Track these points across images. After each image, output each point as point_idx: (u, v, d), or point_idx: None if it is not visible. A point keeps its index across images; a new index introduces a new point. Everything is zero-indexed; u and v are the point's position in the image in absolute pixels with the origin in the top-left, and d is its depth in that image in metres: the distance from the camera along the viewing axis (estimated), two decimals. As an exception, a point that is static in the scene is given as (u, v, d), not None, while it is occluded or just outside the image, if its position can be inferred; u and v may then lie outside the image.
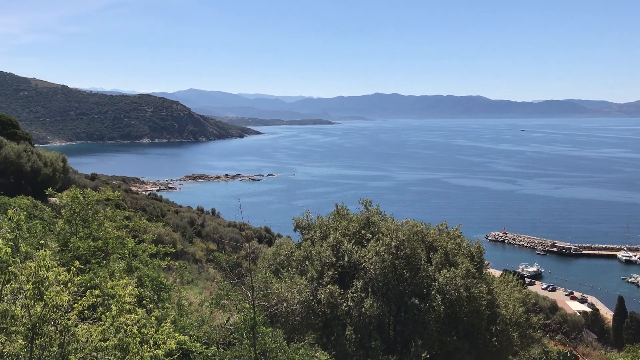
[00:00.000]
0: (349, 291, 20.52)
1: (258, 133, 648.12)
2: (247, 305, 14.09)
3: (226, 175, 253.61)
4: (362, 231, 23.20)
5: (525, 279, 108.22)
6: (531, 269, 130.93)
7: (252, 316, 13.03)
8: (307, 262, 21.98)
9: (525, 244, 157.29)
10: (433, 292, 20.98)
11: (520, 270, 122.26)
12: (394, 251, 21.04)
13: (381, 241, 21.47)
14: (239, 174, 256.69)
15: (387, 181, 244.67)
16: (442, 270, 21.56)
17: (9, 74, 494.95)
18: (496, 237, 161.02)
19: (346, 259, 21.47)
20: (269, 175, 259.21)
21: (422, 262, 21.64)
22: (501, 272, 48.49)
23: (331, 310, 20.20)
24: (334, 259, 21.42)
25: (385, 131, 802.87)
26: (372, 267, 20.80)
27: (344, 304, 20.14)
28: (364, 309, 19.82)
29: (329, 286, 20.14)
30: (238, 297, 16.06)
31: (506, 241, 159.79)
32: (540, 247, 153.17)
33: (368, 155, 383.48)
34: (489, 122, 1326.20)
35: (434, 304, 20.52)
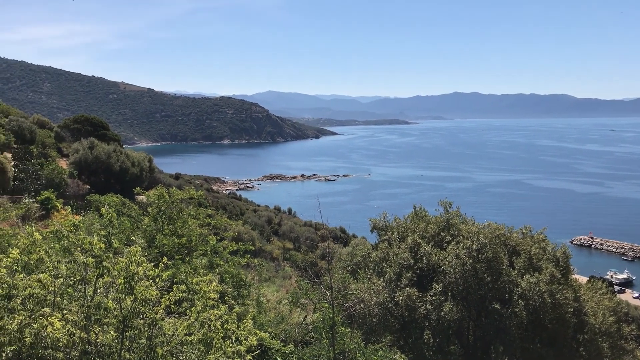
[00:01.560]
0: (428, 294, 20.16)
1: (334, 134, 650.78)
2: (326, 305, 14.12)
3: (302, 175, 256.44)
4: (442, 233, 22.73)
5: (615, 286, 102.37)
6: (621, 276, 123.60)
7: (331, 316, 13.04)
8: (384, 264, 21.80)
9: (614, 250, 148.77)
10: (515, 297, 20.24)
11: (608, 277, 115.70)
12: (475, 254, 20.47)
13: (462, 244, 20.95)
14: (314, 174, 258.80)
15: (466, 182, 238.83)
16: (525, 275, 20.76)
17: (100, 78, 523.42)
18: (582, 241, 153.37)
19: (425, 261, 21.11)
20: (344, 175, 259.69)
21: (504, 267, 20.93)
22: (587, 278, 46.13)
23: (409, 313, 19.93)
24: (412, 261, 21.12)
25: (464, 131, 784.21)
26: (451, 270, 20.34)
27: (422, 307, 19.81)
28: (443, 313, 19.42)
29: (407, 289, 19.88)
30: (317, 296, 16.12)
31: (593, 246, 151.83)
32: (630, 253, 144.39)
33: (446, 155, 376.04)
34: (575, 121, 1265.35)
35: (516, 310, 19.79)
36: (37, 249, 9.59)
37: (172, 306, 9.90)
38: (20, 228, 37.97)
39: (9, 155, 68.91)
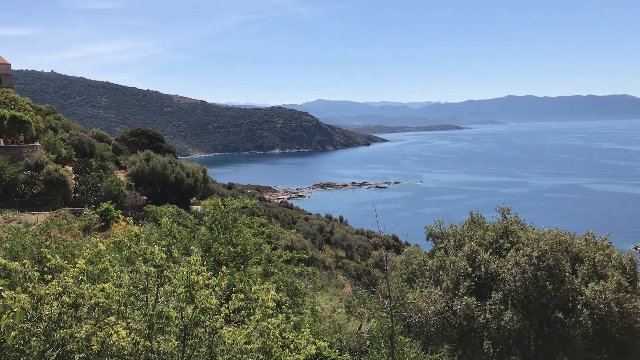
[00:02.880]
0: (487, 303, 19.64)
1: (384, 140, 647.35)
2: (385, 314, 13.94)
3: (353, 183, 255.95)
4: (500, 241, 22.12)
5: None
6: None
7: (389, 325, 12.85)
8: (441, 272, 21.40)
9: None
10: (579, 306, 19.46)
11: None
12: (536, 262, 19.82)
13: (521, 251, 20.33)
14: (365, 182, 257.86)
15: (522, 188, 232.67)
16: (590, 283, 19.93)
17: (155, 92, 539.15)
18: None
19: (483, 269, 20.59)
20: (395, 182, 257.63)
21: (567, 274, 20.18)
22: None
23: (467, 322, 19.46)
24: (469, 269, 20.63)
25: (519, 135, 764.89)
26: (511, 278, 19.75)
27: (482, 316, 19.30)
28: (503, 322, 18.86)
29: (465, 297, 19.42)
30: (374, 305, 15.95)
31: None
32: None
33: (500, 160, 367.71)
34: (638, 122, 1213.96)
35: (581, 319, 19.02)
36: (102, 259, 9.87)
37: (231, 315, 9.98)
38: (83, 239, 39.31)
39: (70, 169, 71.83)
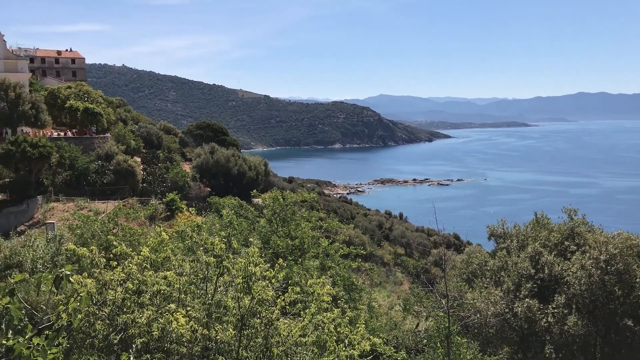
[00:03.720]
0: (550, 306, 18.98)
1: (447, 137, 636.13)
2: (442, 314, 13.73)
3: (414, 179, 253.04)
4: (566, 242, 21.31)
5: None
6: None
7: (446, 325, 12.64)
8: (502, 273, 20.84)
9: None
10: (651, 314, 18.50)
11: None
12: (604, 266, 18.98)
13: (588, 254, 19.51)
14: (427, 179, 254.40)
15: (592, 188, 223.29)
16: (663, 291, 18.91)
17: (220, 86, 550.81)
18: None
19: (546, 271, 19.90)
20: (458, 180, 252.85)
21: (638, 280, 19.21)
22: None
23: (529, 325, 18.88)
24: (532, 271, 19.99)
25: (590, 133, 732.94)
26: (576, 281, 19.00)
27: (544, 320, 18.68)
28: (566, 327, 18.19)
29: (526, 299, 18.84)
30: (431, 304, 15.73)
31: None
32: None
33: (569, 159, 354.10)
34: None
35: (653, 328, 18.08)
36: (165, 248, 10.19)
37: (287, 307, 10.09)
38: (149, 228, 40.71)
39: (139, 160, 74.56)
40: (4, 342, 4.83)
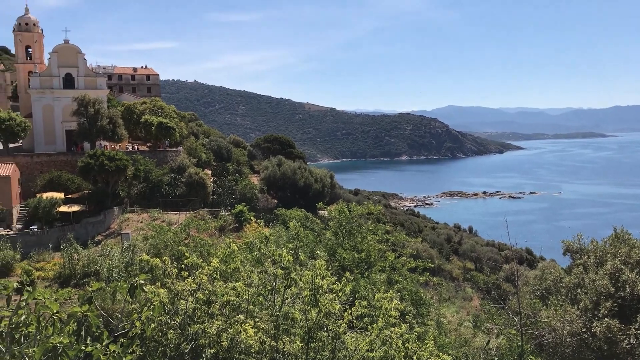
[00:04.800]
0: (632, 327, 17.88)
1: (519, 148, 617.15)
2: (514, 332, 13.22)
3: (484, 192, 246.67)
4: (649, 259, 20.06)
5: None
6: None
7: (519, 343, 12.15)
8: (579, 290, 19.84)
9: None
10: None
11: None
12: (692, 285, 17.72)
13: (674, 272, 18.28)
14: (497, 192, 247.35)
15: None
16: None
17: (287, 100, 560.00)
18: None
19: (628, 290, 18.78)
20: (530, 193, 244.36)
21: None
22: None
23: (609, 347, 17.85)
24: (612, 289, 18.92)
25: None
26: (662, 302, 17.84)
27: (625, 341, 17.60)
28: (651, 350, 17.07)
29: (606, 319, 17.82)
30: (503, 321, 15.18)
31: None
32: None
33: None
34: None
35: None
36: (234, 259, 10.37)
37: (354, 321, 10.00)
38: (218, 239, 41.67)
39: (209, 172, 76.73)
40: (83, 347, 5.02)
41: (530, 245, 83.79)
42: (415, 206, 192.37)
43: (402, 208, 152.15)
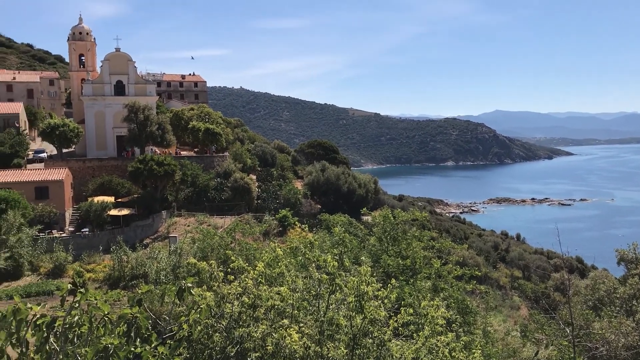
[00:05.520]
0: (692, 341, 17.06)
1: (569, 154, 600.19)
2: (565, 343, 12.80)
3: (532, 199, 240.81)
4: None
5: None
6: None
7: (571, 355, 11.75)
8: (635, 302, 19.08)
9: None
10: None
11: None
12: None
13: None
14: (546, 198, 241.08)
15: None
16: None
17: (332, 105, 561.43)
18: None
19: (687, 302, 17.97)
20: (581, 200, 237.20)
21: None
22: None
23: (667, 361, 17.09)
24: (670, 301, 18.14)
25: None
26: None
27: (685, 356, 16.81)
28: None
29: (664, 332, 17.08)
30: (553, 332, 14.72)
31: None
32: None
33: None
34: None
35: None
36: (279, 264, 10.40)
37: (399, 328, 9.88)
38: (262, 243, 41.99)
39: (254, 177, 77.59)
40: (132, 348, 5.11)
41: (580, 253, 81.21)
42: (461, 212, 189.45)
43: (447, 214, 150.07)
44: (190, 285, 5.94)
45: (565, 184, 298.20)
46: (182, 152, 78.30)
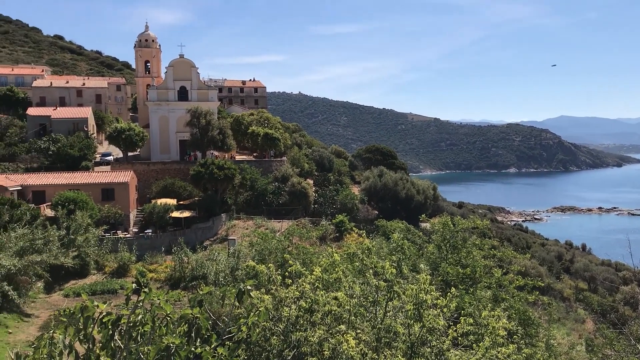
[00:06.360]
0: None
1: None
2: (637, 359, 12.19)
3: (599, 208, 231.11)
4: None
5: None
6: None
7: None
8: None
9: None
10: None
11: None
12: None
13: None
14: (614, 207, 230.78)
15: None
16: None
17: (390, 110, 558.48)
18: None
19: None
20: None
21: None
22: None
23: None
24: None
25: None
26: None
27: None
28: None
29: None
30: (622, 348, 14.05)
31: None
32: None
33: None
34: None
35: None
36: (336, 269, 10.37)
37: (458, 338, 9.65)
38: (319, 248, 42.09)
39: (311, 182, 78.02)
40: (193, 349, 5.20)
41: (652, 266, 77.22)
42: (523, 221, 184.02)
43: (509, 223, 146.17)
44: (249, 288, 6.00)
45: (635, 193, 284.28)
46: (238, 157, 79.68)
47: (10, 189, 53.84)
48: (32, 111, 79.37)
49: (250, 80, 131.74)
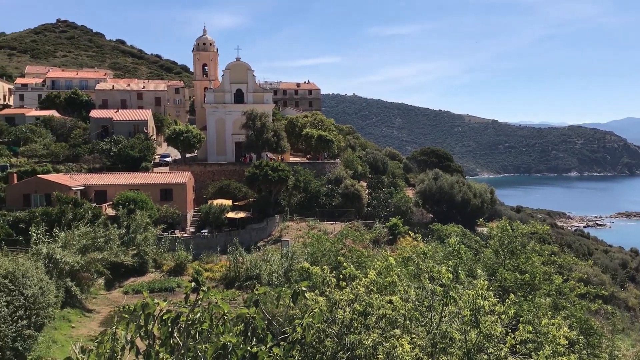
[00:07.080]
0: None
1: None
2: None
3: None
4: None
5: None
6: None
7: None
8: None
9: None
10: None
11: None
12: None
13: None
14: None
15: None
16: None
17: (446, 112, 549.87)
18: None
19: None
20: None
21: None
22: None
23: None
24: None
25: None
26: None
27: None
28: None
29: None
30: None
31: None
32: None
33: None
34: None
35: None
36: (391, 273, 10.28)
37: (517, 346, 9.39)
38: (372, 251, 41.90)
39: (364, 184, 77.71)
40: (249, 348, 5.26)
41: None
42: (585, 226, 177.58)
43: (569, 228, 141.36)
44: (304, 289, 6.02)
45: None
46: (292, 159, 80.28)
47: (74, 189, 56.16)
48: (94, 113, 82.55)
49: (305, 82, 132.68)
